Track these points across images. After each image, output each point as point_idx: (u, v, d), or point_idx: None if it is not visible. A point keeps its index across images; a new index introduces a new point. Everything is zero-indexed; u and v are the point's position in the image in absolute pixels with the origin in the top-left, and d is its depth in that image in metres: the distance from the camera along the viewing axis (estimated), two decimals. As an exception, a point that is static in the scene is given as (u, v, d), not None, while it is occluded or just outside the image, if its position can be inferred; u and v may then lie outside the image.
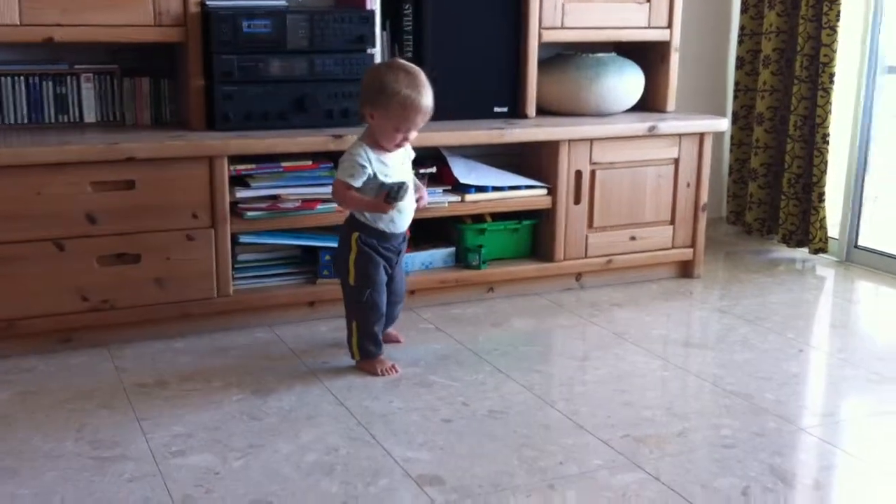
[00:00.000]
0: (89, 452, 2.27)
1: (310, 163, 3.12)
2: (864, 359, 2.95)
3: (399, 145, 2.69)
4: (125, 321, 2.95)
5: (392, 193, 2.62)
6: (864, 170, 4.00)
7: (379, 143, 2.67)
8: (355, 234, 2.72)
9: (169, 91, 3.31)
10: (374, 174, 2.65)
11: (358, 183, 2.65)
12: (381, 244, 2.73)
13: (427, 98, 2.62)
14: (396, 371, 2.77)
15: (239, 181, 3.05)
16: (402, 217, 2.73)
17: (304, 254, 3.23)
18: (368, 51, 3.24)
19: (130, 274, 2.92)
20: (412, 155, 2.83)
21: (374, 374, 2.75)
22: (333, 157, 3.19)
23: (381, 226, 2.71)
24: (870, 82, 3.92)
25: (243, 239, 3.09)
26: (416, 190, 2.81)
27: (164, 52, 3.27)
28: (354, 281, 2.74)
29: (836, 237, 4.07)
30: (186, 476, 2.16)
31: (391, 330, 2.97)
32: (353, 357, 2.80)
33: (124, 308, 2.93)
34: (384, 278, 2.76)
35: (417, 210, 2.81)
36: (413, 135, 2.68)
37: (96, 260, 2.87)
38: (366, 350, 2.77)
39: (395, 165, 2.71)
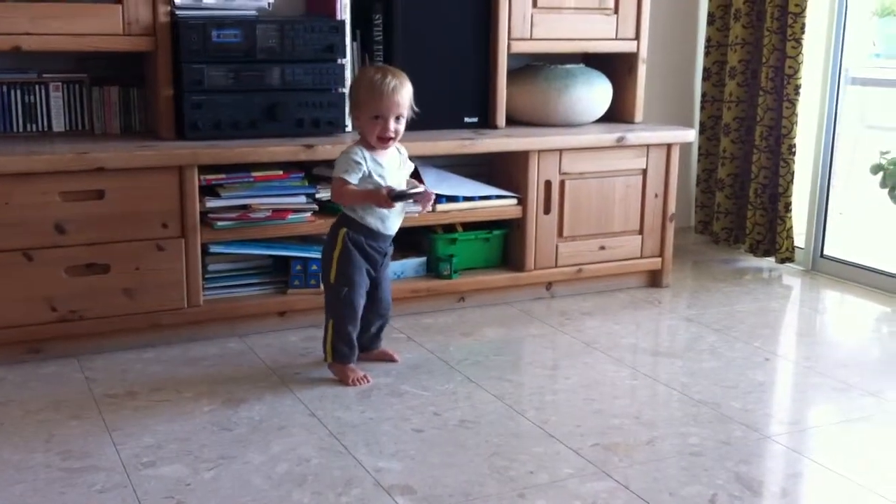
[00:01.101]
0: (59, 464, 2.26)
1: (280, 172, 3.12)
2: (829, 367, 2.99)
3: (382, 138, 2.67)
4: (94, 331, 2.93)
5: (396, 192, 2.65)
6: (830, 180, 4.06)
7: (368, 143, 2.70)
8: (343, 230, 2.73)
9: (138, 100, 3.30)
10: (370, 173, 2.67)
11: (354, 179, 2.67)
12: (367, 242, 2.74)
13: (394, 80, 2.64)
14: (368, 381, 2.77)
15: (209, 191, 3.05)
16: (392, 219, 2.76)
17: (275, 263, 3.23)
18: (339, 60, 3.25)
19: (100, 284, 2.90)
20: (410, 166, 2.86)
21: (346, 381, 2.75)
22: (304, 167, 3.19)
23: (372, 223, 2.72)
24: (834, 93, 3.98)
25: (213, 249, 3.08)
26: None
27: (134, 60, 3.26)
28: (335, 278, 2.74)
29: (803, 247, 4.12)
30: (157, 487, 2.15)
31: (385, 348, 2.97)
32: (325, 358, 2.81)
33: (93, 318, 2.91)
34: (365, 280, 2.76)
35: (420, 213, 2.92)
36: (393, 125, 2.67)
37: (65, 270, 2.86)
38: (339, 351, 2.77)
39: (391, 168, 2.74)
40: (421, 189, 2.72)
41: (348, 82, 3.31)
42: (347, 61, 3.31)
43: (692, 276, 4.02)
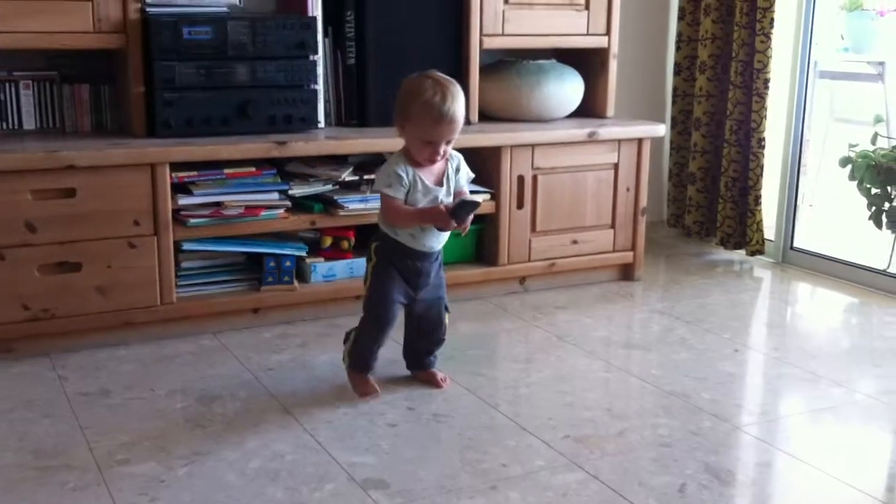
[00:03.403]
0: (32, 462, 2.25)
1: (253, 169, 3.12)
2: (798, 358, 3.03)
3: (431, 160, 2.50)
4: (67, 330, 2.92)
5: (454, 206, 2.45)
6: (799, 173, 4.11)
7: (412, 158, 2.52)
8: (375, 244, 2.60)
9: (109, 98, 3.29)
10: (411, 188, 2.49)
11: (400, 195, 2.49)
12: (397, 260, 2.57)
13: (453, 105, 2.42)
14: (377, 391, 2.65)
15: (181, 188, 3.04)
16: (424, 234, 2.55)
17: (248, 261, 3.23)
18: (311, 57, 3.25)
19: (72, 282, 2.90)
20: (466, 170, 2.63)
21: (356, 391, 2.65)
22: (277, 164, 3.20)
23: (401, 239, 2.55)
24: (803, 87, 4.02)
25: (186, 246, 3.07)
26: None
27: (105, 58, 3.25)
28: (367, 290, 2.61)
29: (773, 239, 4.16)
30: (131, 484, 2.16)
31: (435, 370, 2.77)
32: (343, 359, 2.70)
33: (66, 317, 2.91)
34: (397, 297, 2.59)
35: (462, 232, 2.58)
36: (444, 148, 2.48)
37: (37, 269, 2.85)
38: (354, 361, 2.66)
39: (436, 182, 2.54)
40: (478, 198, 2.48)
41: (320, 79, 3.33)
42: (319, 58, 3.32)
43: (664, 269, 4.06)
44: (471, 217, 2.52)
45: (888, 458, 2.44)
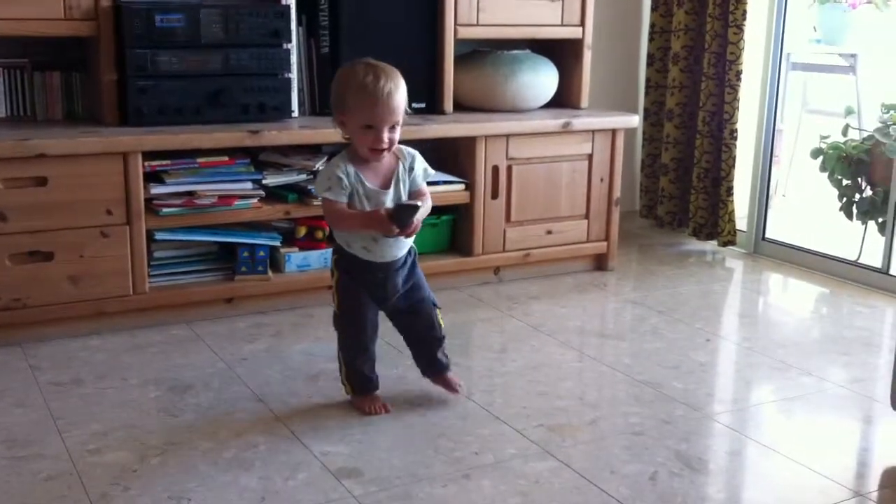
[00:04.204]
0: (4, 452, 2.24)
1: (226, 158, 3.11)
2: (769, 347, 3.05)
3: (375, 150, 2.32)
4: (39, 319, 2.90)
5: (398, 212, 2.31)
6: (771, 164, 4.14)
7: (358, 154, 2.36)
8: (334, 257, 2.47)
9: (81, 85, 3.27)
10: (352, 192, 2.35)
11: (342, 198, 2.34)
12: (357, 274, 2.43)
13: (388, 84, 2.28)
14: (387, 410, 2.50)
15: (154, 177, 3.03)
16: (379, 245, 2.40)
17: (222, 250, 3.22)
18: (284, 45, 3.24)
19: (43, 272, 2.88)
20: (421, 170, 2.46)
21: (362, 411, 2.50)
22: (250, 153, 3.19)
23: (353, 251, 2.41)
24: (775, 78, 4.05)
25: (159, 236, 3.06)
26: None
27: (76, 45, 3.22)
28: (336, 309, 2.49)
29: (745, 230, 4.20)
30: (103, 474, 2.15)
31: (450, 375, 2.61)
32: (345, 393, 2.56)
33: (38, 306, 2.89)
34: (369, 310, 2.47)
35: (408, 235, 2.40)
36: (387, 135, 2.31)
37: (8, 258, 2.83)
38: (355, 385, 2.52)
39: (383, 183, 2.39)
40: (417, 202, 2.35)
41: (294, 67, 3.32)
42: (293, 46, 3.31)
43: (637, 259, 4.08)
44: (417, 221, 2.36)
45: (857, 446, 2.47)
